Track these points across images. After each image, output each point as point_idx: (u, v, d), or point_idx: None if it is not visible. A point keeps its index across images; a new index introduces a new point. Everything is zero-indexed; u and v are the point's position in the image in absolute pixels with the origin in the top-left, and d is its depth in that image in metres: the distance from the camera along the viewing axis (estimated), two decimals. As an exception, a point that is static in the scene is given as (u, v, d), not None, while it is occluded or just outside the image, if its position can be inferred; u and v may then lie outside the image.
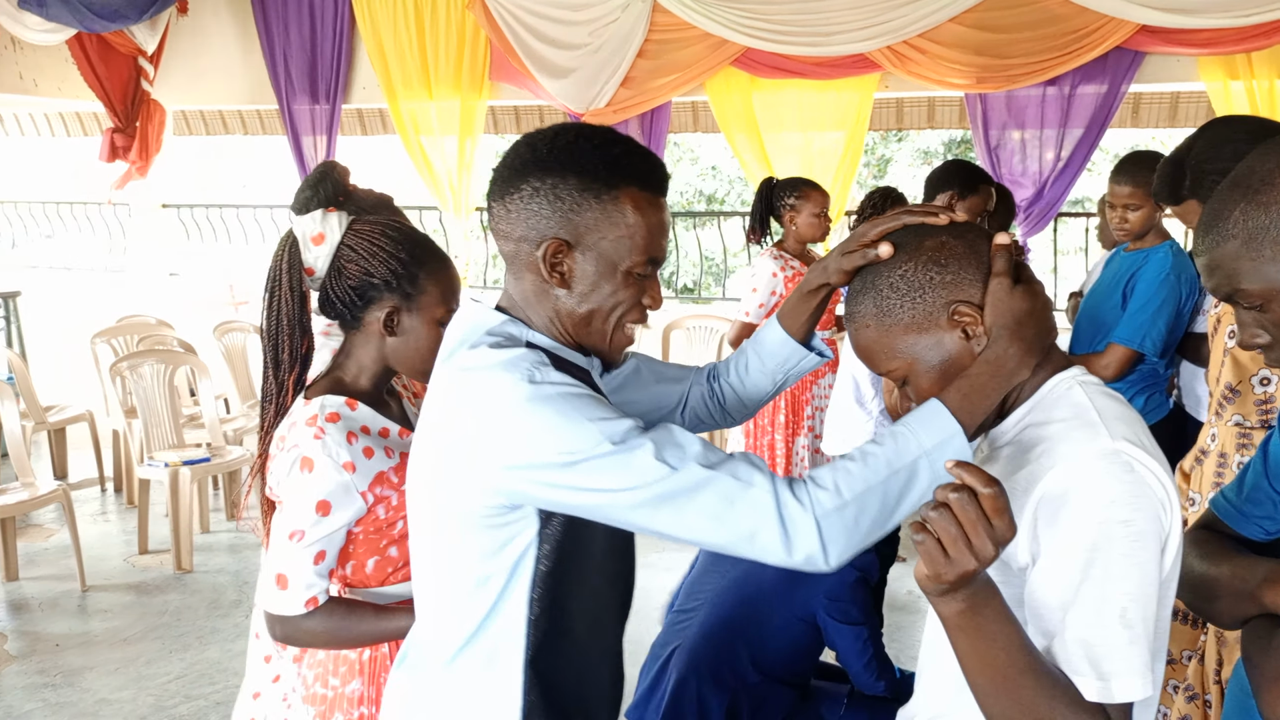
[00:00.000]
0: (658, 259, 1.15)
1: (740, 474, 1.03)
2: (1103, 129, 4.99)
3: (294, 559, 1.42)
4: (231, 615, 3.85)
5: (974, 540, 0.87)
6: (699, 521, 1.02)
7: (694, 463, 1.03)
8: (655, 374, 1.38)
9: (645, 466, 1.02)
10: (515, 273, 1.16)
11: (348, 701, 1.50)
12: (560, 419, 1.04)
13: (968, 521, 0.87)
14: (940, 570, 0.89)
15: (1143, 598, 0.94)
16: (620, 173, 1.12)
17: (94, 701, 3.21)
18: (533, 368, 1.07)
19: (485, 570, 1.12)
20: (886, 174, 12.69)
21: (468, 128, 6.12)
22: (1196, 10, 4.49)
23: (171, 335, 5.66)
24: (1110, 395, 1.07)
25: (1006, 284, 1.04)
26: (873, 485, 1.01)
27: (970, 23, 4.87)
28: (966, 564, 0.88)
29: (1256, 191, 1.01)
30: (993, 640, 0.93)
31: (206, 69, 6.72)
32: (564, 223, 1.11)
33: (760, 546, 1.02)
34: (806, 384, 3.78)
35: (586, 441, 1.03)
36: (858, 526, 1.01)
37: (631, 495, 1.03)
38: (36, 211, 8.54)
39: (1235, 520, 1.30)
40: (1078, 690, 0.93)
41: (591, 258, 1.12)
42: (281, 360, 1.52)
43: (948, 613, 0.93)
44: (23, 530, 4.72)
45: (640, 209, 1.12)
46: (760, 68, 5.34)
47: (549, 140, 1.14)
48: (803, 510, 1.00)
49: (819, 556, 1.01)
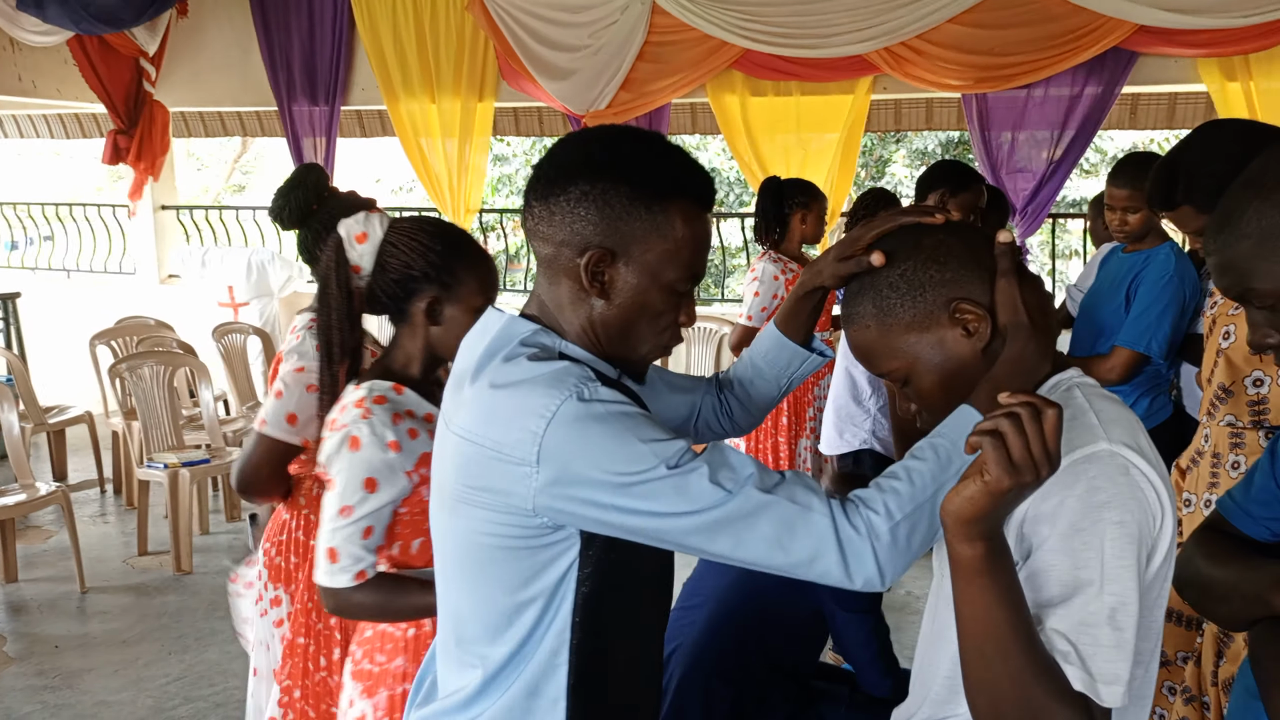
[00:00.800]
0: (699, 275, 1.12)
1: (798, 498, 1.01)
2: (1095, 129, 5.01)
3: (343, 534, 1.49)
4: (230, 617, 3.84)
5: (1035, 451, 0.88)
6: (758, 546, 1.01)
7: (750, 486, 1.00)
8: (669, 384, 1.36)
9: (701, 491, 1.00)
10: (551, 277, 1.11)
11: (392, 677, 1.55)
12: (613, 440, 1.00)
13: (1033, 433, 0.88)
14: (1001, 474, 0.88)
15: (1131, 601, 0.94)
16: (674, 185, 1.09)
17: (93, 703, 3.21)
18: (580, 383, 1.02)
19: (524, 596, 1.07)
20: (884, 175, 12.70)
21: (468, 130, 6.12)
22: (1195, 10, 4.49)
23: (171, 337, 5.66)
24: (1108, 398, 1.07)
25: (1015, 281, 1.04)
26: (921, 503, 1.01)
27: (967, 23, 4.87)
28: (1027, 474, 0.89)
29: (1270, 191, 1.01)
30: (1000, 594, 0.92)
31: (207, 70, 6.73)
32: (610, 231, 1.07)
33: (819, 571, 1.01)
34: (808, 386, 3.78)
35: (640, 464, 1.00)
36: (910, 546, 1.01)
37: (688, 520, 1.00)
38: (36, 213, 8.54)
39: (1242, 521, 1.30)
40: (1064, 678, 0.93)
41: (635, 269, 1.08)
42: (334, 353, 1.63)
43: (968, 554, 0.92)
44: (22, 532, 4.71)
45: (690, 223, 1.09)
46: (759, 70, 5.35)
47: (603, 143, 1.11)
48: (859, 536, 1.00)
49: (876, 579, 1.01)
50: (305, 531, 1.93)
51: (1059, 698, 0.92)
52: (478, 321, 1.14)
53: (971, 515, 0.91)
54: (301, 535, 1.94)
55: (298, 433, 1.85)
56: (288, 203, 1.90)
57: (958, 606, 0.96)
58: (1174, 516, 1.01)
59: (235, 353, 5.66)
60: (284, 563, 1.94)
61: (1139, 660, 1.02)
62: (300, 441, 1.86)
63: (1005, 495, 0.89)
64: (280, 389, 1.86)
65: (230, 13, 6.56)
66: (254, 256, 6.74)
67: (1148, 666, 1.05)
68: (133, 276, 7.49)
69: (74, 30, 5.79)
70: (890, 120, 6.74)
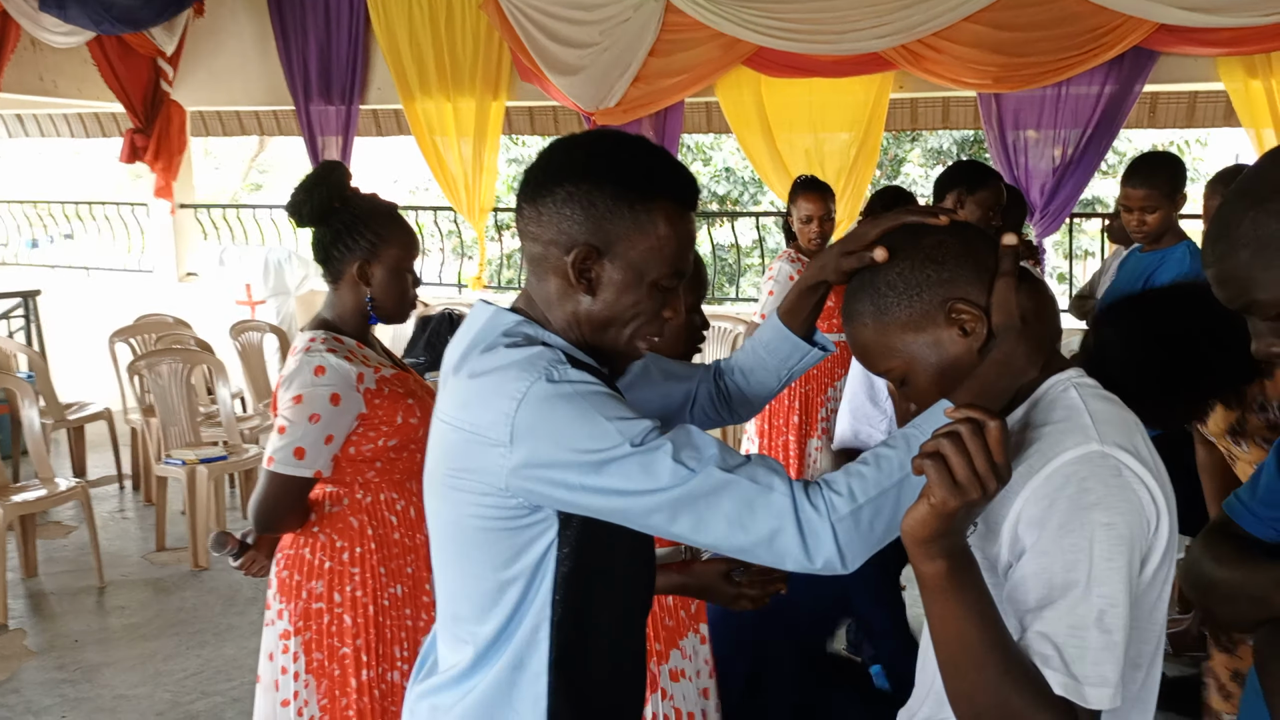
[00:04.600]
0: (683, 272, 1.15)
1: (759, 478, 1.02)
2: (1116, 129, 4.97)
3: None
4: (247, 612, 3.87)
5: (980, 468, 0.88)
6: (718, 525, 1.02)
7: (712, 466, 1.02)
8: (664, 372, 1.38)
9: (663, 469, 1.02)
10: (539, 275, 1.16)
11: None
12: (579, 418, 1.03)
13: (975, 449, 0.88)
14: (946, 496, 0.89)
15: (1120, 603, 0.93)
16: (656, 185, 1.12)
17: (112, 697, 3.24)
18: (550, 365, 1.06)
19: (507, 575, 1.11)
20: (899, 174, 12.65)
21: (483, 130, 6.13)
22: (1216, 9, 4.45)
23: (189, 334, 5.71)
24: (1107, 398, 1.07)
25: (1012, 284, 1.04)
26: (886, 489, 1.01)
27: (986, 22, 4.85)
28: (972, 492, 0.89)
29: (1266, 199, 0.98)
30: (968, 608, 0.93)
31: (224, 70, 6.78)
32: (596, 230, 1.10)
33: (778, 552, 1.02)
34: (822, 386, 3.77)
35: (605, 441, 1.02)
36: (873, 530, 1.02)
37: (651, 499, 1.02)
38: (56, 211, 8.63)
39: (1249, 522, 1.29)
40: (1045, 682, 0.92)
41: (620, 266, 1.12)
42: None
43: (930, 571, 0.93)
44: (42, 527, 4.76)
45: (672, 222, 1.12)
46: (773, 67, 5.33)
47: (587, 146, 1.15)
48: (819, 516, 1.01)
49: (836, 561, 1.01)
50: (312, 549, 1.93)
51: (1038, 703, 0.92)
52: (470, 313, 1.19)
53: (925, 536, 0.91)
54: (308, 553, 1.93)
55: (308, 466, 1.84)
56: (309, 199, 1.89)
57: (929, 621, 0.96)
58: (1171, 518, 1.00)
59: (252, 350, 5.70)
60: (289, 577, 1.93)
61: (1137, 663, 1.02)
62: (313, 474, 1.85)
63: (954, 515, 0.90)
64: (283, 424, 1.84)
65: (247, 13, 6.60)
66: (271, 255, 6.79)
67: (1149, 670, 1.04)
68: (151, 274, 7.55)
69: (94, 31, 5.85)
70: (906, 119, 6.72)
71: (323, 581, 1.92)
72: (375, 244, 1.89)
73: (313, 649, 1.91)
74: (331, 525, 1.93)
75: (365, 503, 1.95)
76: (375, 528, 1.94)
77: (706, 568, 1.58)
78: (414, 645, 1.98)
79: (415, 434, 1.97)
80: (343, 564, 1.92)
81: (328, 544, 1.93)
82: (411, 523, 1.99)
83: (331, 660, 1.91)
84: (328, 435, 1.84)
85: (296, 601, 1.92)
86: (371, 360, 1.94)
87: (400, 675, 1.95)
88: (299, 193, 1.90)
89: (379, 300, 1.92)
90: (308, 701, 1.90)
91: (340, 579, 1.92)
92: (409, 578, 1.98)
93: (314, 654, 1.91)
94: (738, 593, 1.56)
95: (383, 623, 1.94)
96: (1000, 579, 1.02)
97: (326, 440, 1.84)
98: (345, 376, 1.85)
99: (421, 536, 2.00)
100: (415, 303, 2.01)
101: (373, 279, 1.90)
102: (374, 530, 1.94)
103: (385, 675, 1.94)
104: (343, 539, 1.93)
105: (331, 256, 1.91)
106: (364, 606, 1.92)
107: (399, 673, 1.95)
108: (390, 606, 1.95)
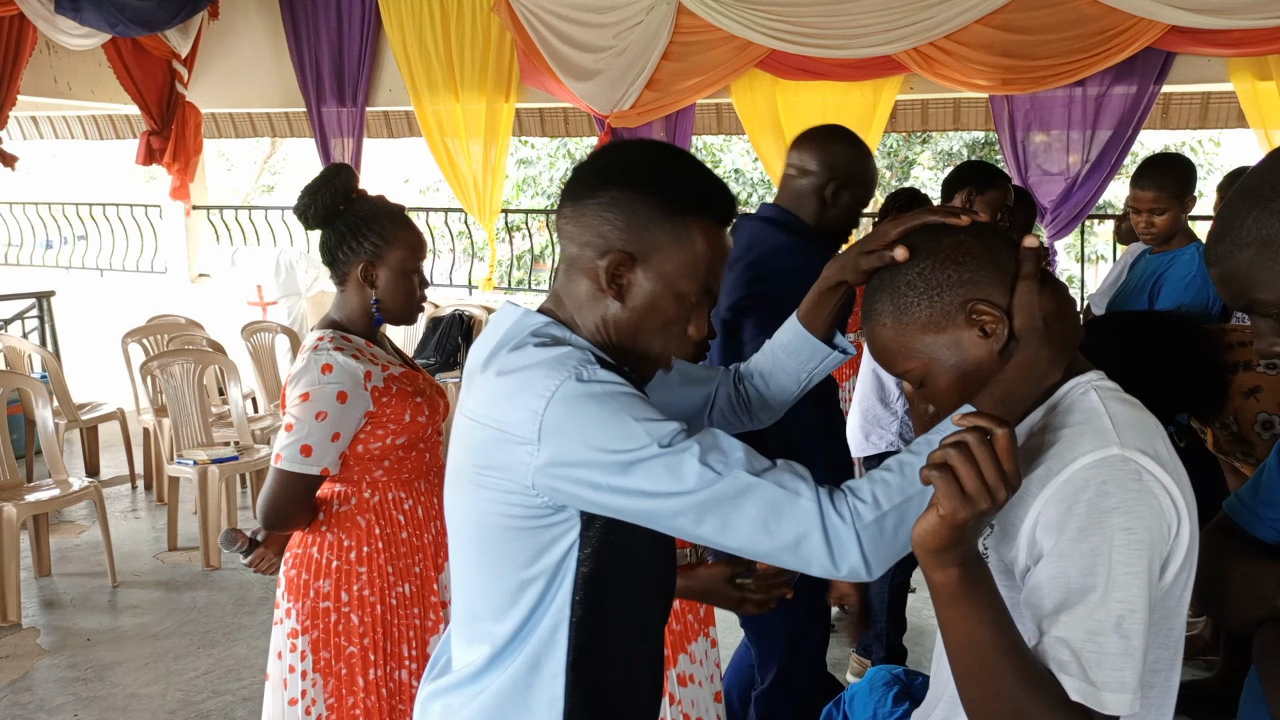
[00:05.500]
0: (713, 289, 1.16)
1: (786, 483, 1.02)
2: (1135, 131, 4.93)
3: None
4: (258, 612, 3.89)
5: (989, 478, 0.88)
6: (743, 529, 1.02)
7: (739, 469, 1.02)
8: (683, 375, 1.37)
9: (690, 471, 1.01)
10: (572, 276, 1.16)
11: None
12: (607, 418, 1.03)
13: (984, 459, 0.88)
14: (956, 508, 0.88)
15: (1139, 608, 0.93)
16: (698, 200, 1.13)
17: (124, 696, 3.26)
18: (580, 365, 1.06)
19: (528, 574, 1.11)
20: (909, 177, 12.63)
21: (493, 131, 6.15)
22: (1228, 10, 4.43)
23: (201, 335, 5.74)
24: (1127, 401, 1.06)
25: (1034, 286, 1.03)
26: (910, 496, 1.01)
27: (997, 24, 4.83)
28: (981, 503, 0.88)
29: (1268, 199, 0.99)
30: (981, 615, 0.92)
31: (237, 72, 6.82)
32: (634, 237, 1.11)
33: (804, 557, 1.02)
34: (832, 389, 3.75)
35: (633, 441, 1.02)
36: (897, 537, 1.01)
37: (676, 501, 1.01)
38: (70, 213, 8.69)
39: (1249, 522, 1.29)
40: (1060, 687, 0.92)
41: (652, 277, 1.12)
42: None
43: (942, 580, 0.93)
44: (55, 526, 4.79)
45: (709, 239, 1.13)
46: (785, 70, 5.34)
47: (637, 154, 1.16)
48: (844, 523, 1.00)
49: (861, 568, 1.01)
50: (320, 548, 1.94)
51: (1052, 710, 0.91)
52: (496, 313, 1.19)
53: (935, 546, 0.91)
54: (316, 552, 1.94)
55: (314, 464, 1.85)
56: (314, 202, 1.89)
57: (942, 629, 0.96)
58: (1192, 522, 0.99)
59: (264, 351, 5.73)
60: (297, 576, 1.94)
61: (1156, 668, 1.01)
62: (320, 471, 1.86)
63: (964, 525, 0.89)
64: (290, 422, 1.85)
65: (260, 15, 6.64)
66: (282, 256, 6.82)
67: (1168, 675, 1.03)
68: (164, 275, 7.60)
69: (110, 33, 5.88)
70: (917, 120, 6.70)
71: (330, 580, 1.93)
72: (380, 246, 1.90)
73: (320, 648, 1.92)
74: (339, 524, 1.94)
75: (373, 502, 1.96)
76: (383, 527, 1.95)
77: (710, 572, 1.58)
78: (421, 644, 1.98)
79: (423, 433, 1.97)
80: (350, 563, 1.93)
81: (335, 543, 1.94)
82: (419, 522, 2.00)
83: (339, 659, 1.92)
84: (334, 433, 1.85)
85: (304, 600, 1.93)
86: (380, 358, 1.95)
87: (408, 674, 1.96)
88: (305, 196, 1.91)
89: (384, 302, 1.93)
90: (315, 700, 1.91)
91: (348, 578, 1.93)
92: (416, 577, 1.99)
93: (321, 653, 1.92)
94: (741, 597, 1.56)
95: (390, 622, 1.94)
96: (1017, 583, 1.02)
97: (333, 438, 1.85)
98: (352, 374, 1.86)
99: (429, 536, 2.01)
100: (423, 304, 2.01)
101: (377, 281, 1.91)
102: (382, 529, 1.95)
103: (393, 674, 1.95)
104: (350, 538, 1.94)
105: (337, 259, 1.92)
106: (371, 606, 1.93)
107: (406, 671, 1.96)
108: (398, 605, 1.96)
